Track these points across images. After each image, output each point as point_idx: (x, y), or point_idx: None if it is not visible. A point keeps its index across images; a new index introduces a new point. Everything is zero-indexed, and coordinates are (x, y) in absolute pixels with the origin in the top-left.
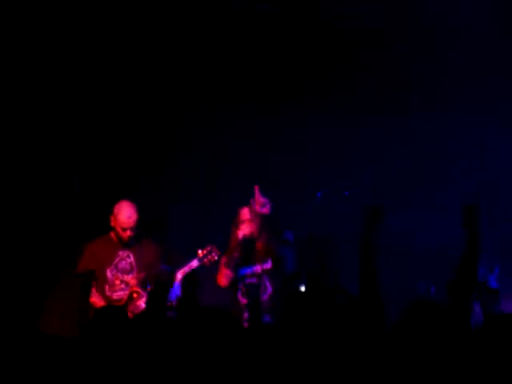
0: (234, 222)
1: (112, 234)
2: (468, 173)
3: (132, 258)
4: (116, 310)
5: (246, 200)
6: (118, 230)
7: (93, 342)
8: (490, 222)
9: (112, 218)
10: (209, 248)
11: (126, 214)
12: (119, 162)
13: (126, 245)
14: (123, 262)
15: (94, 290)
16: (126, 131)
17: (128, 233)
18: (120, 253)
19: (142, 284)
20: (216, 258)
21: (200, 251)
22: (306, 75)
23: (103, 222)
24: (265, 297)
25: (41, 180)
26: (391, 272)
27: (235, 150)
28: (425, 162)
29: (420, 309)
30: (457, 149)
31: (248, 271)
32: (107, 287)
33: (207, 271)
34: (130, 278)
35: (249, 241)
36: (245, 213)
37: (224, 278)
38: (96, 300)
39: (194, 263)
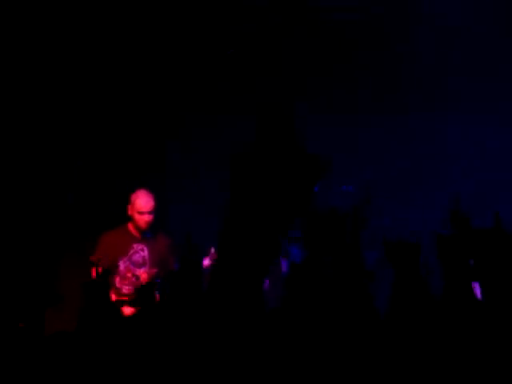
0: None
1: (129, 226)
2: (468, 173)
3: (146, 252)
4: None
5: None
6: (136, 216)
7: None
8: (489, 224)
9: (129, 207)
10: None
11: (143, 198)
12: (119, 162)
13: (142, 237)
14: (137, 255)
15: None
16: (126, 131)
17: (145, 217)
18: (135, 245)
19: (152, 280)
20: None
21: (213, 250)
22: (305, 75)
23: (102, 222)
24: (266, 285)
25: (40, 180)
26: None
27: (235, 150)
28: (425, 162)
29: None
30: (457, 149)
31: None
32: (118, 279)
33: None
34: (142, 272)
35: None
36: None
37: None
38: None
39: (206, 262)
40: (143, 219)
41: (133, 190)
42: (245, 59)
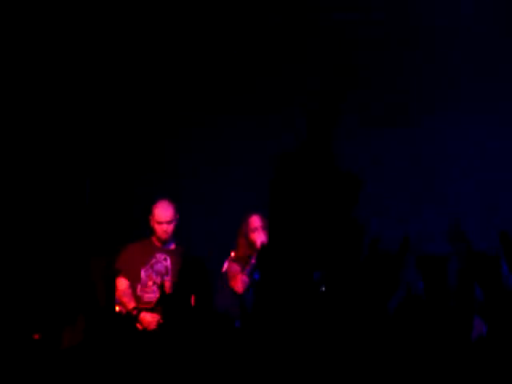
0: (243, 228)
1: (153, 239)
2: (468, 173)
3: (169, 262)
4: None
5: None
6: (155, 226)
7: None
8: (489, 224)
9: (150, 218)
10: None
11: (162, 208)
12: (118, 162)
13: (165, 247)
14: (159, 265)
15: (126, 290)
16: (125, 131)
17: (164, 227)
18: (157, 255)
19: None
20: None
21: (233, 253)
22: (305, 75)
23: (102, 222)
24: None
25: (50, 188)
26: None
27: (235, 150)
28: (425, 162)
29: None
30: (457, 149)
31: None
32: (139, 287)
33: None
34: (165, 281)
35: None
36: (255, 220)
37: (241, 284)
38: (126, 300)
39: (226, 264)
40: (162, 229)
41: (133, 190)
42: (245, 59)
